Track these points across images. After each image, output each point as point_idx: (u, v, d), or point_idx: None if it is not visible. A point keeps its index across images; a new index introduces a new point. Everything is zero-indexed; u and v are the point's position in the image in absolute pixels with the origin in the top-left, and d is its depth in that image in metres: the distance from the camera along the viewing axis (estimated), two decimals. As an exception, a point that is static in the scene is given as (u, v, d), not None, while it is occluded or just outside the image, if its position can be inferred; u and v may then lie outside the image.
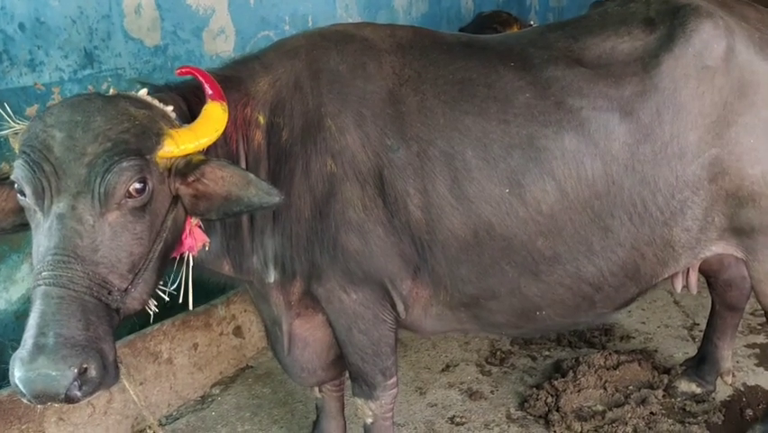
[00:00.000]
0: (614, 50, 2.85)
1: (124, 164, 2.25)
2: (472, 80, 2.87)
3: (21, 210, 2.43)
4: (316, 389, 3.58)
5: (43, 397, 2.08)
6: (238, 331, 4.64)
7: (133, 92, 2.54)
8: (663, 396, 4.00)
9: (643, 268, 2.95)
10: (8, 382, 3.62)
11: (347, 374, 3.42)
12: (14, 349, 2.13)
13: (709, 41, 2.79)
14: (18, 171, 2.26)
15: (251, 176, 2.44)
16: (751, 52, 2.82)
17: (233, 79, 2.79)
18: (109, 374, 2.19)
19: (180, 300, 2.71)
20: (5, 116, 2.52)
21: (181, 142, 2.39)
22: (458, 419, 4.01)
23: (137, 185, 2.29)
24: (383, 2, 6.67)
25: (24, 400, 2.13)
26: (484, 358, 4.62)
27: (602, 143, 2.77)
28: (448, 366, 4.56)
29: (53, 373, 2.04)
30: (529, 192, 2.78)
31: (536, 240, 2.83)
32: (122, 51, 4.45)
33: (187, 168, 2.41)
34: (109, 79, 4.40)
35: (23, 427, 3.52)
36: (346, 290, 2.94)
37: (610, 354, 4.31)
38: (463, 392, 4.27)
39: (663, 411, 3.90)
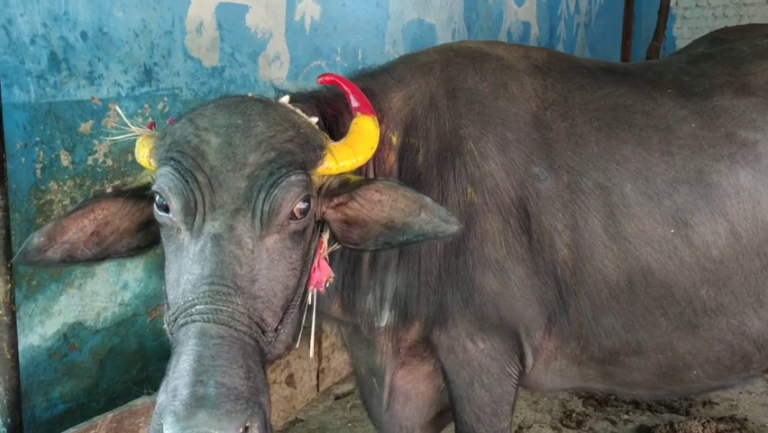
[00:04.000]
0: None
1: (293, 178, 1.90)
2: (627, 107, 2.58)
3: (140, 230, 2.08)
4: (405, 451, 3.16)
5: None
6: (291, 380, 4.21)
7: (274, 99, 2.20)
8: (769, 469, 3.66)
9: None
10: (41, 428, 3.22)
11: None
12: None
13: None
14: (164, 180, 1.90)
15: (427, 200, 2.06)
16: None
17: (365, 93, 2.46)
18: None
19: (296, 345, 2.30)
20: (125, 121, 2.15)
21: (340, 159, 2.05)
22: (546, 489, 3.61)
23: (302, 204, 1.94)
24: (428, 39, 6.52)
25: None
26: (558, 420, 4.24)
27: None
28: (521, 428, 4.17)
29: (216, 432, 1.63)
30: (697, 233, 2.47)
31: (700, 288, 2.50)
32: (180, 70, 4.15)
33: (342, 188, 2.06)
34: (165, 99, 4.09)
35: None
36: (474, 337, 2.57)
37: (708, 421, 3.98)
38: (545, 457, 3.87)
39: (773, 486, 3.55)
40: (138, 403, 3.36)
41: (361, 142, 2.15)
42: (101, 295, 3.72)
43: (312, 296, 2.23)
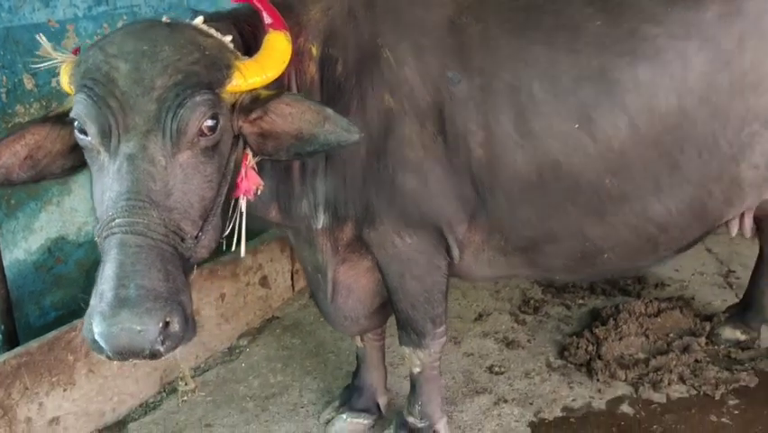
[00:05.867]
0: None
1: (197, 99, 2.05)
2: (538, 7, 2.68)
3: (71, 152, 2.24)
4: (357, 338, 3.46)
5: (126, 353, 1.91)
6: (264, 281, 4.50)
7: (188, 20, 2.32)
8: (707, 343, 3.92)
9: (710, 207, 2.81)
10: (35, 334, 3.54)
11: (389, 323, 3.31)
12: (85, 303, 1.95)
13: None
14: (80, 108, 2.05)
15: (329, 111, 2.23)
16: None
17: (283, 7, 2.56)
18: (189, 328, 2.03)
19: (233, 248, 2.54)
20: (48, 49, 2.30)
21: (249, 76, 2.18)
22: (497, 369, 3.91)
23: (210, 122, 2.09)
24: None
25: (103, 357, 1.96)
26: (517, 307, 4.52)
27: (678, 74, 2.59)
28: (481, 315, 4.45)
29: (138, 328, 1.87)
30: (599, 127, 2.61)
31: (604, 178, 2.67)
32: (137, -13, 4.20)
33: (253, 104, 2.21)
34: (124, 17, 4.18)
35: (54, 379, 3.39)
36: (401, 234, 2.79)
37: (650, 301, 4.22)
38: (499, 342, 4.17)
39: (708, 359, 3.82)
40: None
41: (271, 58, 2.28)
42: (80, 211, 3.95)
43: (242, 203, 2.47)
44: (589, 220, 2.78)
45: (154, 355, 1.95)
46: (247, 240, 4.53)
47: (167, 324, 1.94)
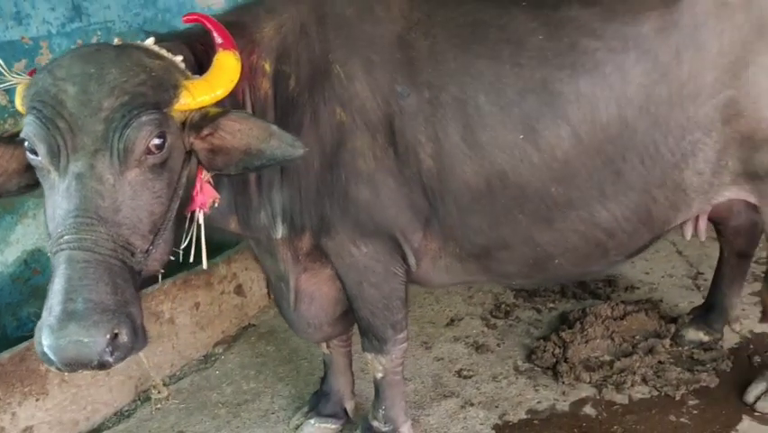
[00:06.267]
0: None
1: (144, 118, 2.13)
2: (484, 22, 2.76)
3: (27, 171, 2.31)
4: (324, 345, 3.54)
5: (75, 364, 2.01)
6: (239, 290, 4.58)
7: (140, 42, 2.41)
8: (671, 345, 3.99)
9: (655, 212, 2.89)
10: (13, 345, 3.61)
11: (354, 330, 3.38)
12: (36, 317, 2.04)
13: None
14: (29, 129, 2.14)
15: (274, 127, 2.33)
16: (772, -11, 2.71)
17: (237, 26, 2.66)
18: (139, 338, 2.12)
19: (192, 259, 2.62)
20: (2, 70, 2.39)
21: (197, 95, 2.27)
22: (465, 372, 3.99)
23: (156, 140, 2.18)
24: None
25: (53, 369, 2.06)
26: (488, 311, 4.59)
27: (617, 85, 2.68)
28: (453, 320, 4.53)
29: (85, 340, 1.96)
30: (543, 138, 2.70)
31: (550, 186, 2.76)
32: (111, 4, 4.29)
33: (203, 121, 2.30)
34: (98, 33, 4.26)
35: (26, 389, 3.46)
36: (356, 243, 2.87)
37: (617, 304, 4.29)
38: (469, 346, 4.24)
39: (671, 360, 3.90)
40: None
41: (220, 77, 2.37)
42: (56, 223, 4.03)
43: (199, 216, 2.55)
44: (539, 227, 2.86)
45: (103, 366, 2.04)
46: (222, 250, 4.64)
47: (115, 335, 2.03)
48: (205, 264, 2.61)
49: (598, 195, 2.78)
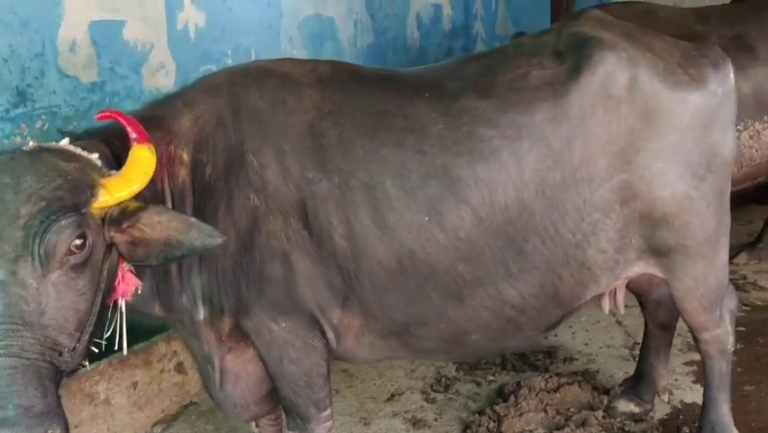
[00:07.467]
0: (526, 77, 2.93)
1: (63, 222, 2.22)
2: (389, 112, 2.92)
3: None
4: (253, 424, 3.55)
5: None
6: (180, 367, 4.59)
7: (54, 143, 2.52)
8: (603, 417, 4.04)
9: (562, 290, 3.01)
10: None
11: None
12: None
13: (613, 72, 2.87)
14: None
15: (192, 220, 2.45)
16: (654, 81, 2.91)
17: (155, 119, 2.80)
18: None
19: (116, 346, 2.67)
20: None
21: (115, 191, 2.38)
22: (401, 449, 4.00)
23: (77, 241, 2.27)
24: (327, 34, 6.72)
25: None
26: (429, 385, 4.63)
27: (513, 171, 2.84)
28: (393, 395, 4.55)
29: None
30: (447, 219, 2.83)
31: (457, 265, 2.88)
32: (56, 89, 4.40)
33: (122, 216, 2.40)
34: (44, 117, 4.35)
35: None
36: (276, 320, 2.94)
37: (551, 376, 4.36)
38: (407, 421, 4.26)
39: (603, 432, 3.94)
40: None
41: (135, 171, 2.48)
42: None
43: (121, 304, 2.62)
44: (452, 304, 2.96)
45: None
46: (165, 329, 4.63)
47: None
48: (125, 351, 2.67)
49: (504, 273, 2.90)
